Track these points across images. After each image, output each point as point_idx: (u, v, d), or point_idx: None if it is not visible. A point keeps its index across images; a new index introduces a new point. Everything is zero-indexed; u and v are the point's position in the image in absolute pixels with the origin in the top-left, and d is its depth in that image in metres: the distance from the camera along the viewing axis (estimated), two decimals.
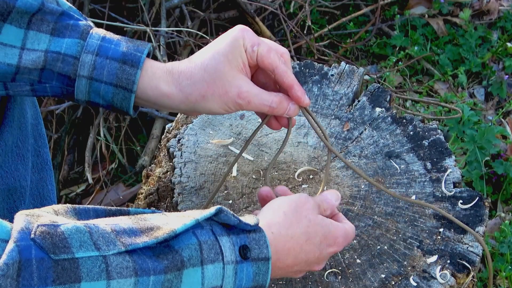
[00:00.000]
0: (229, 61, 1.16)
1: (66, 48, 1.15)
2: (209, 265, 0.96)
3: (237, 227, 1.02)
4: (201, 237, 0.96)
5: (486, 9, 2.90)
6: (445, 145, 1.44)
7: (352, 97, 1.54)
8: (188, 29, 2.40)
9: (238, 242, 1.00)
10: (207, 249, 0.96)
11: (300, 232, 1.08)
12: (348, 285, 1.23)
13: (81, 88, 1.17)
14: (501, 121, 2.56)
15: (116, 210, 0.98)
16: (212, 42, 1.20)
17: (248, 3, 2.59)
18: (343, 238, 1.13)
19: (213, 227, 0.99)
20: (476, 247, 1.28)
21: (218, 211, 0.99)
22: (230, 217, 1.00)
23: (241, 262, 1.00)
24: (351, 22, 2.84)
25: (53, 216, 0.89)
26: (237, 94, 1.16)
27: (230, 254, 0.99)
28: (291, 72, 1.19)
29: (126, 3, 2.57)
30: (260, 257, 1.02)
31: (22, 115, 1.31)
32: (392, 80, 2.65)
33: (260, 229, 1.03)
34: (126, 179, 2.44)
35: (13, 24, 1.13)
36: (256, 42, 1.17)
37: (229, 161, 1.41)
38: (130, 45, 1.18)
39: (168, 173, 1.43)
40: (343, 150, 1.44)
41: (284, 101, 1.19)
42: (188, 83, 1.17)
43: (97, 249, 0.86)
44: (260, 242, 1.02)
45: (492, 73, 2.71)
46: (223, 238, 0.99)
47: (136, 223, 0.93)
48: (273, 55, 1.17)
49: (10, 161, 1.28)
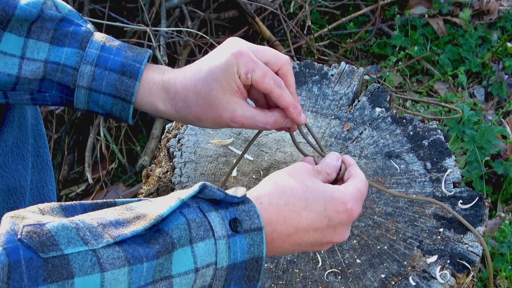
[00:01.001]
0: (223, 87, 1.15)
1: (66, 59, 1.15)
2: (200, 243, 0.94)
3: (224, 201, 0.99)
4: (188, 216, 0.95)
5: (486, 9, 2.90)
6: (445, 145, 1.44)
7: (352, 97, 1.54)
8: (188, 29, 2.41)
9: (227, 216, 0.98)
10: (195, 227, 0.94)
11: (296, 199, 1.03)
12: (348, 285, 1.23)
13: (80, 98, 1.18)
14: (501, 121, 2.56)
15: (103, 203, 0.96)
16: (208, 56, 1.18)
17: (248, 3, 2.59)
18: (354, 201, 1.06)
19: (200, 204, 0.97)
20: (476, 247, 1.28)
21: (202, 187, 0.96)
22: (215, 192, 0.97)
23: (233, 236, 0.97)
24: (351, 22, 2.84)
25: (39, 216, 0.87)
26: (230, 118, 1.16)
27: (221, 229, 0.96)
28: (290, 89, 1.18)
29: (126, 3, 2.57)
30: (252, 227, 0.99)
31: (22, 115, 1.31)
32: (392, 80, 2.66)
33: (249, 200, 1.00)
34: (126, 179, 2.44)
35: (13, 32, 1.13)
36: (250, 68, 1.14)
37: (229, 161, 1.41)
38: (129, 55, 1.17)
39: (168, 173, 1.43)
40: (343, 150, 1.44)
41: (280, 119, 1.19)
42: (182, 105, 1.17)
43: (86, 244, 0.84)
44: (250, 213, 0.99)
45: (492, 73, 2.71)
46: (212, 213, 0.97)
47: (122, 214, 0.91)
48: (267, 81, 1.15)
49: (10, 161, 1.28)
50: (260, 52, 1.17)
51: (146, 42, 2.40)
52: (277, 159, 1.42)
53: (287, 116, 1.19)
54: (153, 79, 1.18)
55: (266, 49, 1.18)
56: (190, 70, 1.18)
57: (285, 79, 1.18)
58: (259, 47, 1.18)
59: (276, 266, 1.25)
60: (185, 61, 2.60)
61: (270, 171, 1.39)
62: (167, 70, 1.21)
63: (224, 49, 1.16)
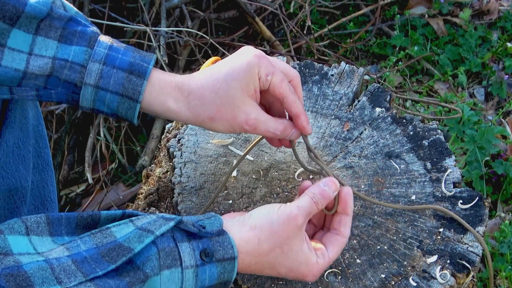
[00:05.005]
0: (242, 88, 1.17)
1: (74, 56, 1.16)
2: (165, 271, 1.02)
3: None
4: (160, 245, 1.02)
5: (486, 9, 2.90)
6: (445, 145, 1.44)
7: (352, 97, 1.54)
8: (188, 29, 2.40)
9: (199, 247, 1.06)
10: (164, 256, 1.02)
11: (266, 261, 1.12)
12: (348, 285, 1.23)
13: (87, 96, 1.18)
14: (501, 121, 2.56)
15: (88, 216, 1.03)
16: (226, 60, 1.20)
17: (248, 3, 2.59)
18: (314, 276, 1.16)
19: (175, 233, 1.05)
20: (476, 247, 1.28)
21: (178, 222, 1.04)
22: (189, 227, 1.05)
23: (202, 265, 1.05)
24: (351, 22, 2.84)
25: (22, 244, 0.96)
26: (245, 120, 1.19)
27: (190, 259, 1.04)
28: (300, 100, 1.22)
29: (126, 3, 2.57)
30: (225, 257, 1.07)
31: (24, 116, 1.31)
32: (392, 80, 2.66)
33: (224, 232, 1.08)
34: (126, 179, 2.44)
35: (22, 29, 1.13)
36: (271, 71, 1.18)
37: (229, 161, 1.41)
38: (137, 55, 1.19)
39: (168, 173, 1.43)
40: (343, 150, 1.44)
41: (288, 128, 1.23)
42: (197, 103, 1.18)
43: (59, 283, 0.93)
44: (224, 243, 1.07)
45: (492, 73, 2.71)
46: (183, 244, 1.04)
47: (100, 243, 0.99)
48: (285, 86, 1.19)
49: (11, 161, 1.28)
50: (274, 61, 1.21)
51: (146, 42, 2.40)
52: (277, 159, 1.42)
53: (295, 125, 1.23)
54: (164, 79, 1.19)
55: (279, 60, 1.23)
56: (205, 72, 1.21)
57: (295, 90, 1.23)
58: (273, 58, 1.23)
59: None
60: (185, 61, 2.61)
61: (270, 171, 1.39)
62: (176, 74, 1.22)
63: (243, 54, 1.20)
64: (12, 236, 0.95)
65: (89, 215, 1.03)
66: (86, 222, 1.03)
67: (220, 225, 1.08)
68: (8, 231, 0.95)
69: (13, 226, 0.96)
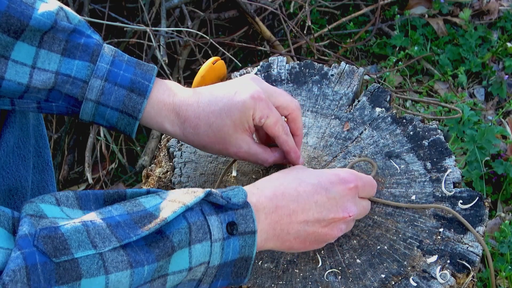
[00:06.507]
0: (235, 125, 1.21)
1: (76, 71, 1.17)
2: (197, 245, 1.01)
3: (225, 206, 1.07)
4: (190, 219, 1.01)
5: (486, 9, 2.91)
6: (445, 145, 1.44)
7: (352, 97, 1.54)
8: (188, 29, 2.41)
9: (226, 219, 1.05)
10: (195, 230, 1.01)
11: (290, 179, 1.14)
12: (348, 285, 1.23)
13: (87, 110, 1.20)
14: (501, 121, 2.56)
15: (114, 193, 1.03)
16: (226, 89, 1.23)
17: (248, 3, 2.59)
18: (346, 172, 1.17)
19: (203, 206, 1.04)
20: (476, 247, 1.28)
21: (207, 194, 1.04)
22: (218, 199, 1.05)
23: (228, 238, 1.05)
24: (351, 22, 2.84)
25: (55, 210, 0.94)
26: (235, 152, 1.25)
27: (218, 232, 1.04)
28: (299, 132, 1.28)
29: (126, 3, 2.57)
30: (246, 231, 1.07)
31: (24, 116, 1.31)
32: (392, 80, 2.66)
33: (248, 205, 1.08)
34: (126, 179, 2.44)
35: (26, 41, 1.14)
36: (265, 114, 1.21)
37: (229, 161, 1.41)
38: (138, 71, 1.21)
39: (168, 173, 1.43)
40: (343, 150, 1.44)
41: (279, 159, 1.30)
42: (191, 132, 1.22)
43: (94, 247, 0.91)
44: (246, 217, 1.07)
45: (492, 73, 2.71)
46: (212, 217, 1.04)
47: (131, 210, 0.98)
48: (277, 127, 1.23)
49: (11, 161, 1.28)
50: (274, 96, 1.24)
51: (146, 42, 2.40)
52: None
53: (286, 158, 1.29)
54: (163, 100, 1.22)
55: (280, 93, 1.26)
56: (204, 98, 1.22)
57: (294, 123, 1.28)
58: (275, 90, 1.25)
59: (276, 266, 1.25)
60: (185, 61, 2.61)
61: (270, 171, 1.39)
62: (178, 91, 1.24)
63: (243, 88, 1.22)
64: (44, 205, 0.94)
65: (115, 191, 1.03)
66: (113, 198, 1.03)
67: (245, 197, 1.08)
68: (39, 201, 0.95)
69: (43, 198, 0.96)
